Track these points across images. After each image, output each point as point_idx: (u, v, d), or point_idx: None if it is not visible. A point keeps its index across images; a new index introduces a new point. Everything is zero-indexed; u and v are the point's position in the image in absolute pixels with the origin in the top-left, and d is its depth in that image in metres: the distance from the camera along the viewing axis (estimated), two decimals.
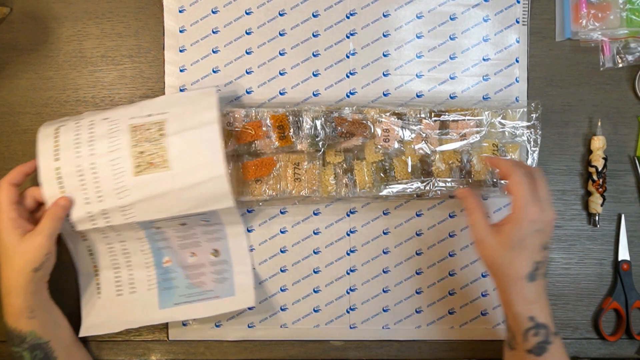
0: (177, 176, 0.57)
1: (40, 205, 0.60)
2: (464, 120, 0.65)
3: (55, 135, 0.60)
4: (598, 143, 0.68)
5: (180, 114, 0.59)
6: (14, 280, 0.56)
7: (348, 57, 0.69)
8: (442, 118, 0.65)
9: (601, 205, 0.68)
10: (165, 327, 0.69)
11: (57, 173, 0.58)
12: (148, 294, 0.65)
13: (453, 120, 0.65)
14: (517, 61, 0.69)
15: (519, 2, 0.69)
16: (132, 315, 0.65)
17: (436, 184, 0.65)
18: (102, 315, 0.65)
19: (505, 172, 0.54)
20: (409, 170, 0.65)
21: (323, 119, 0.64)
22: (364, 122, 0.65)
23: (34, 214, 0.61)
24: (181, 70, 0.69)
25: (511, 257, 0.52)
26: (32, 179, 0.61)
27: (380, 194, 0.65)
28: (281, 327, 0.69)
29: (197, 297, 0.65)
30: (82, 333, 0.64)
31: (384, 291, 0.69)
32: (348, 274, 0.69)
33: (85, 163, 0.58)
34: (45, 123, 0.62)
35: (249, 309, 0.68)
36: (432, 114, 0.65)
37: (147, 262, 0.65)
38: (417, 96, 0.69)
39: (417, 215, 0.68)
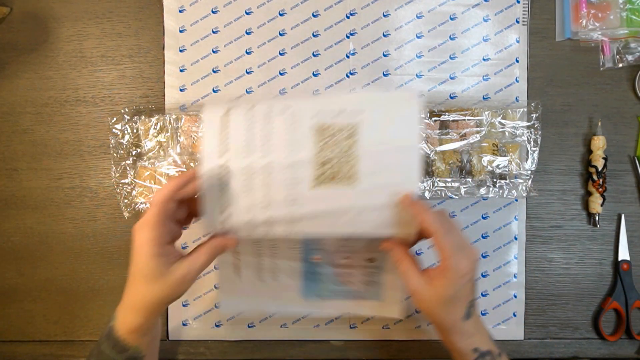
0: (361, 195, 0.49)
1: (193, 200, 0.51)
2: (464, 120, 0.65)
3: (225, 120, 0.50)
4: (598, 143, 0.68)
5: (375, 121, 0.50)
6: (143, 304, 0.50)
7: (348, 57, 0.69)
8: (442, 118, 0.65)
9: (601, 205, 0.68)
10: (165, 327, 0.69)
11: (222, 166, 0.50)
12: (291, 283, 0.59)
13: (453, 120, 0.65)
14: (517, 61, 0.69)
15: (519, 2, 0.69)
16: (273, 300, 0.60)
17: (436, 184, 0.65)
18: (240, 295, 0.59)
19: (421, 218, 0.49)
20: None
21: None
22: None
23: (185, 212, 0.53)
24: (181, 70, 0.69)
25: (446, 310, 0.50)
26: None
27: None
28: (281, 327, 0.69)
29: (342, 295, 0.60)
30: (222, 309, 0.64)
31: None
32: None
33: (258, 163, 0.49)
34: (209, 103, 0.54)
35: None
36: (432, 114, 0.65)
37: (294, 256, 0.57)
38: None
39: None
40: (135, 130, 0.67)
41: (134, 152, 0.67)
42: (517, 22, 0.69)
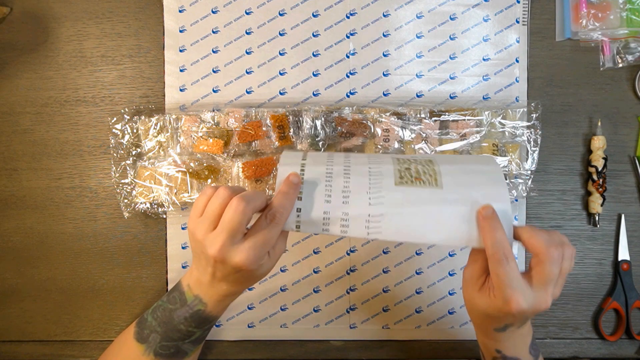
0: (448, 195, 0.48)
1: None
2: (464, 120, 0.65)
3: (304, 152, 0.55)
4: (598, 143, 0.68)
5: (449, 162, 0.53)
6: (242, 291, 0.53)
7: (348, 57, 0.69)
8: (442, 118, 0.65)
9: (601, 205, 0.68)
10: None
11: (301, 165, 0.51)
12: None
13: (453, 120, 0.65)
14: (517, 61, 0.69)
15: (519, 2, 0.69)
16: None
17: None
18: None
19: (483, 236, 0.46)
20: None
21: (323, 119, 0.64)
22: (364, 122, 0.65)
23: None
24: (181, 70, 0.69)
25: (481, 316, 0.49)
26: None
27: None
28: (281, 327, 0.69)
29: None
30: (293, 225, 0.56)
31: (384, 291, 0.69)
32: (348, 274, 0.69)
33: (338, 167, 0.51)
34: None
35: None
36: (432, 114, 0.65)
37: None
38: (417, 96, 0.69)
39: None
40: (135, 130, 0.67)
41: (134, 152, 0.67)
42: (517, 22, 0.69)
